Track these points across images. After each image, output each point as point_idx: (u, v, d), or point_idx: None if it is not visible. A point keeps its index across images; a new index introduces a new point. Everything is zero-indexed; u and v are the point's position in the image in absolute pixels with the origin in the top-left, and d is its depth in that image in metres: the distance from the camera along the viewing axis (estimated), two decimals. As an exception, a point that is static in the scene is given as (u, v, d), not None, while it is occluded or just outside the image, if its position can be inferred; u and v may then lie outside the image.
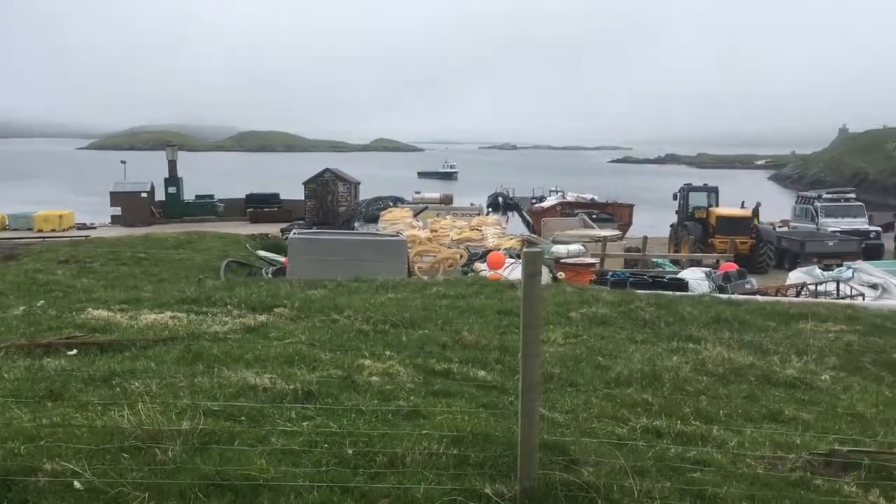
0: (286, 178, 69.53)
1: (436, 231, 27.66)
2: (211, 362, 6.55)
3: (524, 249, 5.01)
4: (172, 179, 46.19)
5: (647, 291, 13.68)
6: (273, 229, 35.79)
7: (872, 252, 29.53)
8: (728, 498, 4.63)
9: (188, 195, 47.50)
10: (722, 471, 4.99)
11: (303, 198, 46.25)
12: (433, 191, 52.79)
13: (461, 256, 22.52)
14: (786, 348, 8.25)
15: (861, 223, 33.02)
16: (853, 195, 37.22)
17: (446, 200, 44.15)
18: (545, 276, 21.54)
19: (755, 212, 30.09)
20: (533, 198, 53.43)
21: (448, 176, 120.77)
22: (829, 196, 35.80)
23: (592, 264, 22.46)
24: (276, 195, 48.55)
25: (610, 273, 20.61)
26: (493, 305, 10.17)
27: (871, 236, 31.74)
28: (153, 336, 7.56)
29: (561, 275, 22.01)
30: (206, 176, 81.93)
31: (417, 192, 48.35)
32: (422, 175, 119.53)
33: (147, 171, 51.02)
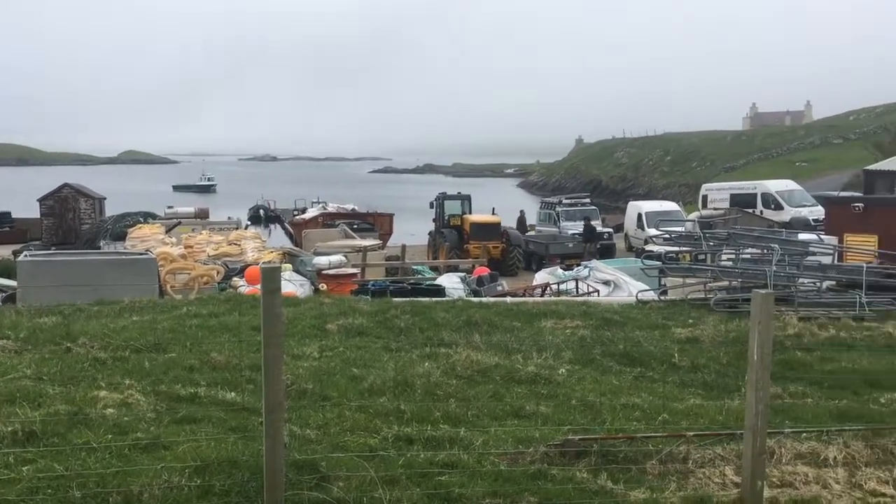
0: (19, 194, 63.17)
1: (190, 247, 26.37)
2: None
3: (263, 265, 4.86)
4: None
5: (406, 299, 13.95)
6: (4, 252, 32.23)
7: (606, 251, 32.49)
8: (473, 497, 4.80)
9: None
10: (468, 470, 5.17)
11: (39, 216, 42.15)
12: (190, 205, 50.38)
13: (218, 273, 21.66)
14: (528, 346, 8.77)
15: (596, 225, 36.21)
16: (588, 200, 40.73)
17: (202, 214, 42.34)
18: (307, 288, 21.34)
19: (520, 219, 32.04)
20: (295, 209, 52.78)
21: (206, 189, 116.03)
22: (568, 201, 38.94)
23: (354, 275, 22.60)
24: (6, 214, 43.83)
25: (371, 282, 20.82)
26: (248, 322, 9.83)
27: (605, 237, 34.91)
28: None
29: (323, 286, 21.92)
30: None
31: (170, 207, 45.87)
32: (177, 189, 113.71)
33: None
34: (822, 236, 17.77)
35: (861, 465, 5.79)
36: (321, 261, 23.55)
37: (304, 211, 49.07)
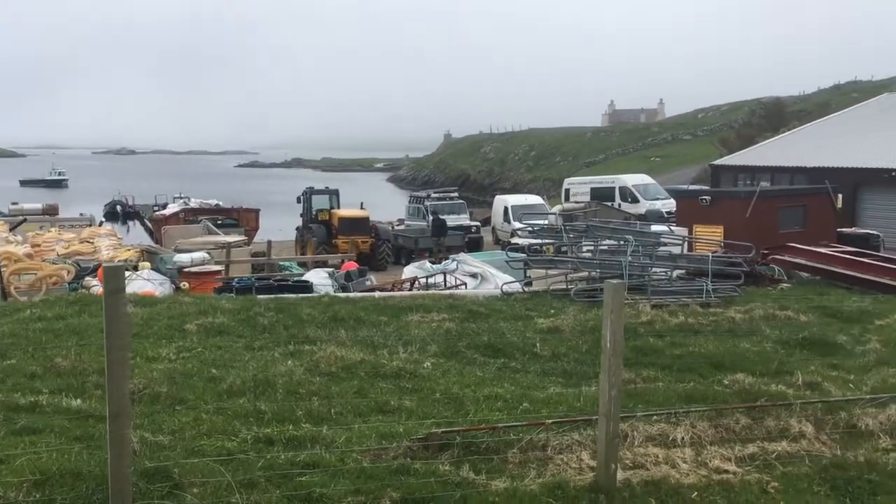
0: None
1: (38, 246, 24.77)
2: None
3: (106, 264, 4.59)
4: None
5: (272, 296, 13.63)
6: None
7: (474, 244, 33.01)
8: (335, 496, 4.73)
9: None
10: (330, 469, 5.09)
11: None
12: (39, 201, 47.26)
13: (68, 272, 20.43)
14: (394, 341, 8.75)
15: (464, 219, 36.76)
16: (456, 193, 41.25)
17: (51, 211, 39.84)
18: (167, 287, 20.47)
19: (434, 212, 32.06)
20: (155, 205, 50.60)
21: (57, 184, 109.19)
22: (436, 195, 39.28)
23: (217, 272, 21.89)
24: None
25: (236, 279, 20.22)
26: (97, 324, 9.29)
27: (473, 230, 35.46)
28: None
29: (185, 285, 21.10)
30: None
31: (14, 203, 42.88)
32: (25, 184, 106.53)
33: None
34: (672, 228, 18.72)
35: (706, 443, 6.12)
36: (182, 258, 22.69)
37: (164, 207, 47.15)
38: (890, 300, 11.87)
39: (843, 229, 25.12)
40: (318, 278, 20.28)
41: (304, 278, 20.36)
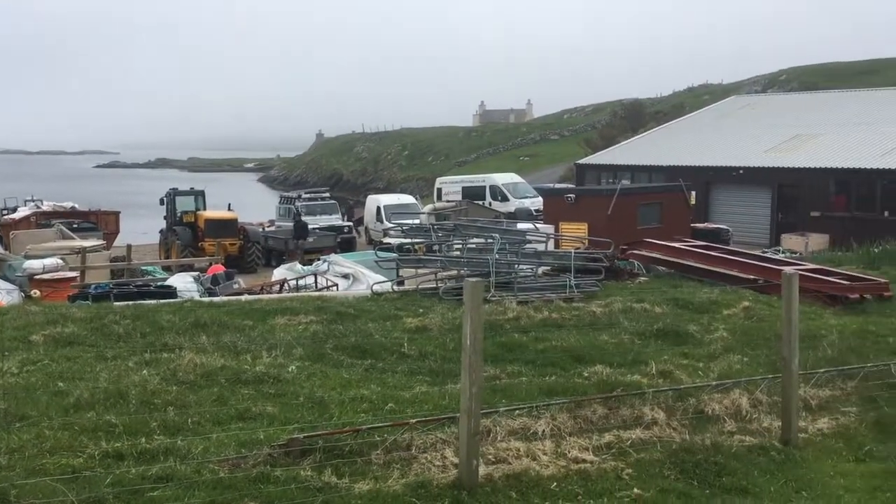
0: None
1: None
2: None
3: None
4: None
5: (131, 302, 13.00)
6: None
7: (347, 245, 32.76)
8: (189, 509, 4.55)
9: None
10: (185, 482, 4.90)
11: None
12: None
13: None
14: (258, 345, 8.53)
15: (336, 219, 36.45)
16: (328, 194, 40.85)
17: None
18: (15, 295, 19.19)
19: (350, 209, 31.03)
20: (4, 209, 47.30)
21: None
22: (308, 196, 38.76)
23: (73, 278, 20.74)
24: None
25: (93, 286, 19.19)
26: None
27: (346, 231, 35.19)
28: None
29: (36, 293, 19.86)
30: None
31: None
32: None
33: None
34: (538, 225, 19.20)
35: (566, 435, 6.31)
36: (33, 264, 21.38)
37: (14, 210, 44.11)
38: (736, 291, 12.60)
39: (697, 224, 26.65)
40: (183, 283, 19.53)
41: (167, 283, 19.56)
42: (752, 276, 13.11)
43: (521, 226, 17.07)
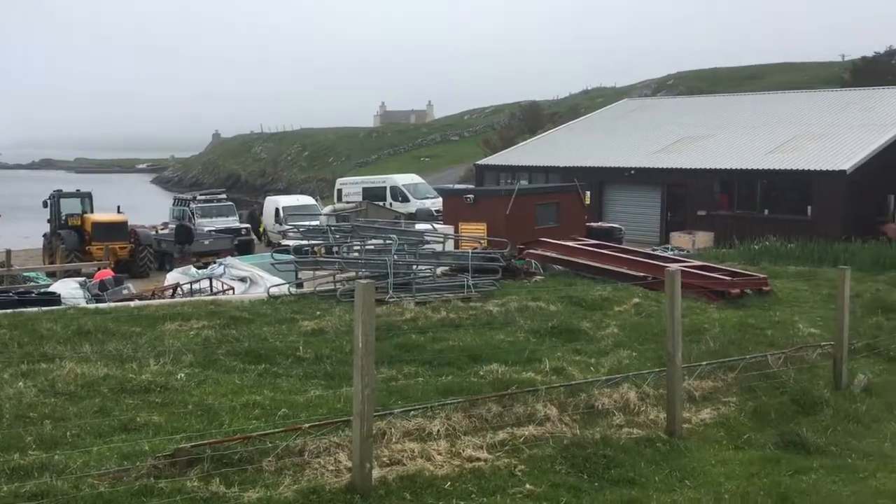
0: None
1: None
2: None
3: None
4: None
5: (9, 311, 12.31)
6: None
7: (244, 247, 32.02)
8: (65, 527, 4.33)
9: None
10: (63, 498, 4.67)
11: None
12: None
13: None
14: (146, 353, 8.23)
15: (233, 221, 35.56)
16: (224, 195, 39.84)
17: None
18: None
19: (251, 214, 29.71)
20: None
21: None
22: (203, 197, 37.67)
23: (-55, 286, 19.49)
24: None
25: (-33, 294, 18.07)
26: None
27: (243, 233, 34.37)
28: None
29: None
30: None
31: None
32: None
33: None
34: (436, 225, 19.29)
35: (461, 434, 6.35)
36: None
37: None
38: (627, 288, 13.02)
39: (592, 224, 27.37)
40: (68, 289, 18.67)
41: (50, 290, 18.64)
42: (641, 274, 13.56)
43: (420, 226, 17.12)
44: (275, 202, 38.28)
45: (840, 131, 31.71)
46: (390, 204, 38.05)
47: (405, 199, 38.59)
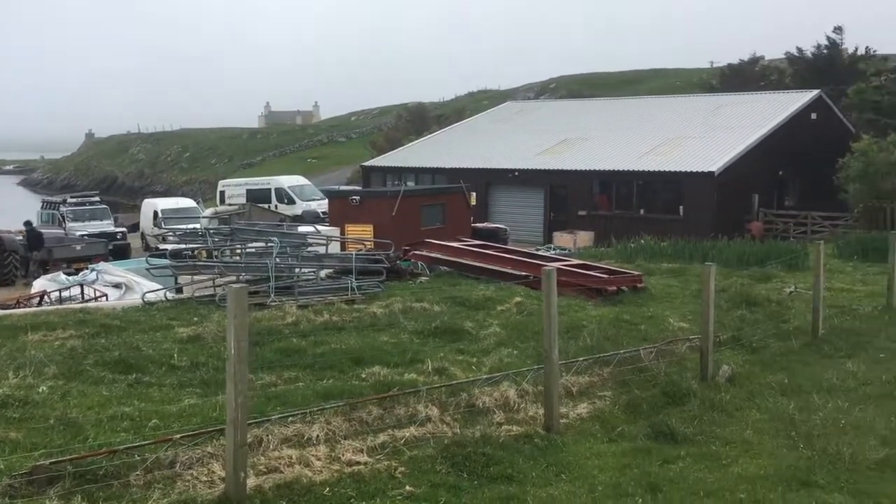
0: None
1: None
2: None
3: None
4: None
5: None
6: None
7: (120, 252, 30.64)
8: None
9: None
10: None
11: None
12: None
13: None
14: (4, 365, 7.74)
15: (107, 225, 33.95)
16: (97, 198, 38.00)
17: None
18: None
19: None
20: None
21: None
22: (74, 200, 35.76)
23: None
24: None
25: None
26: None
27: (118, 237, 32.89)
28: None
29: None
30: None
31: None
32: None
33: None
34: (320, 227, 19.06)
35: (340, 438, 6.28)
36: None
37: None
38: (510, 287, 13.23)
39: (477, 224, 27.72)
40: (-80, 299, 17.35)
41: None
42: (524, 273, 13.81)
43: (302, 228, 16.86)
44: (153, 205, 36.86)
45: (709, 134, 33.38)
46: (275, 206, 37.31)
47: (291, 201, 37.95)
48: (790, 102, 34.97)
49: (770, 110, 34.45)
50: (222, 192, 41.33)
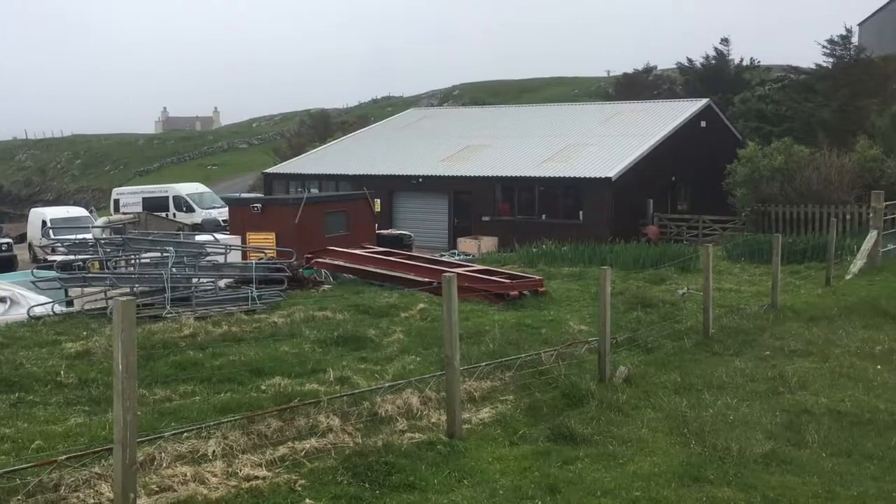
0: None
1: None
2: None
3: None
4: None
5: None
6: None
7: (5, 264, 29.08)
8: None
9: None
10: None
11: None
12: None
13: None
14: None
15: (-10, 235, 32.25)
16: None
17: None
18: None
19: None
20: None
21: None
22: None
23: None
24: None
25: None
26: None
27: (3, 248, 31.25)
28: None
29: None
30: None
31: None
32: None
33: None
34: (218, 236, 18.61)
35: (238, 453, 6.11)
36: None
37: None
38: (413, 294, 13.25)
39: (382, 231, 27.64)
40: None
41: None
42: (427, 280, 13.85)
43: (200, 238, 16.41)
44: (41, 214, 35.18)
45: (606, 141, 34.34)
46: (174, 215, 36.24)
47: (190, 210, 36.93)
48: (681, 111, 36.34)
49: (663, 118, 35.72)
50: (116, 201, 39.87)
